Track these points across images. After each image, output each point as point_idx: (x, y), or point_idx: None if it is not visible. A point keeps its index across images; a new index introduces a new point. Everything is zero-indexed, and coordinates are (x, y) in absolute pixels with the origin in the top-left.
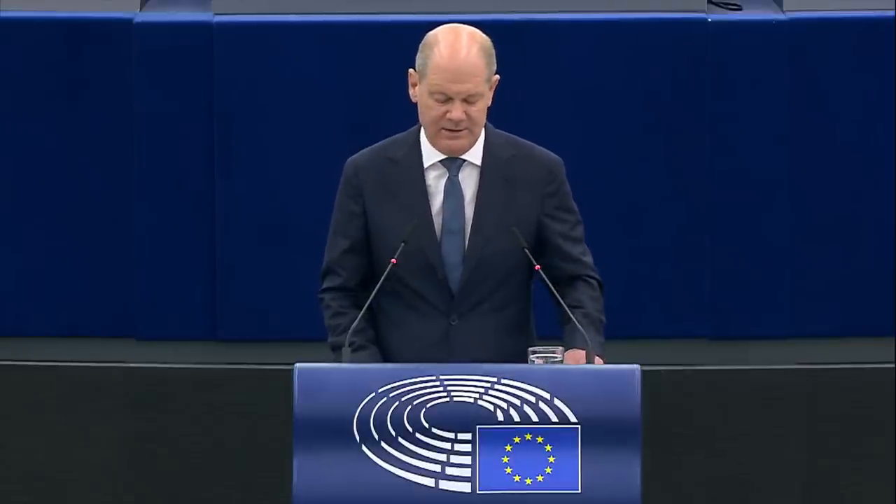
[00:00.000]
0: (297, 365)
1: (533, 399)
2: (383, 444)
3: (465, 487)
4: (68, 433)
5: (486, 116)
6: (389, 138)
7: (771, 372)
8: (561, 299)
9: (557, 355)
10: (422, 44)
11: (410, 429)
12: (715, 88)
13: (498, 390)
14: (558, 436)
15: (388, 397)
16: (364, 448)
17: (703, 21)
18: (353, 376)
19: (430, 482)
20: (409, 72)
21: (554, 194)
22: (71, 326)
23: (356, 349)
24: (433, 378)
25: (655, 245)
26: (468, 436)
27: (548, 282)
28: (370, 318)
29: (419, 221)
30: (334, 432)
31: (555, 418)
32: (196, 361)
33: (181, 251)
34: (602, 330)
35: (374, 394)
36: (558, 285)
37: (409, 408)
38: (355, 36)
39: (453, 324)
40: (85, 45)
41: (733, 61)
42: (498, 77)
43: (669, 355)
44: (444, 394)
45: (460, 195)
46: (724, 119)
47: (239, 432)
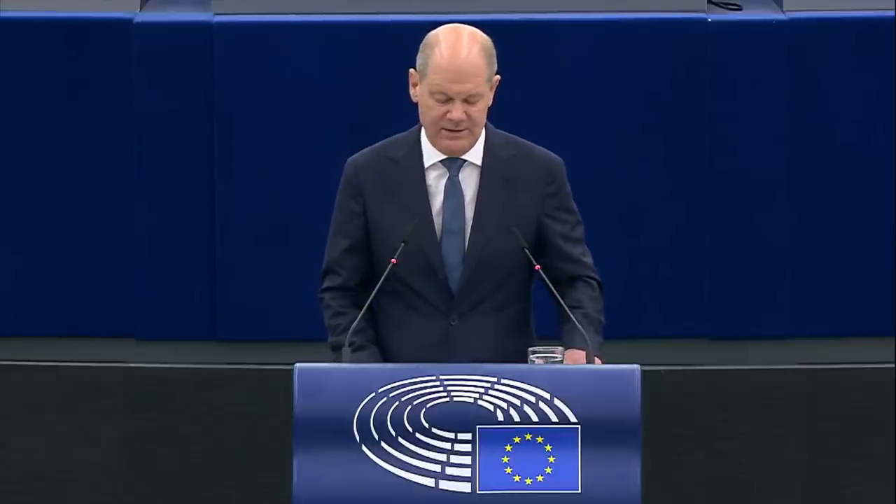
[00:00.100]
0: (297, 365)
1: (533, 399)
2: (383, 444)
3: (465, 487)
4: (68, 433)
5: (487, 116)
6: (390, 138)
7: (771, 372)
8: (561, 299)
9: (557, 355)
10: (423, 44)
11: (410, 429)
12: (715, 88)
13: (498, 390)
14: (558, 436)
15: (388, 397)
16: (364, 448)
17: (703, 21)
18: (353, 376)
19: (430, 482)
20: (409, 72)
21: (555, 195)
22: (71, 326)
23: (356, 349)
24: (433, 378)
25: (655, 245)
26: (468, 436)
27: (548, 282)
28: (370, 318)
29: (419, 221)
30: (334, 432)
31: (555, 418)
32: (196, 361)
33: (181, 251)
34: (601, 330)
35: (374, 394)
36: (558, 286)
37: (409, 408)
38: (355, 36)
39: (453, 324)
40: (85, 45)
41: (733, 61)
42: (499, 77)
43: (669, 355)
44: (444, 394)
45: (460, 195)
46: (724, 119)
47: (239, 432)
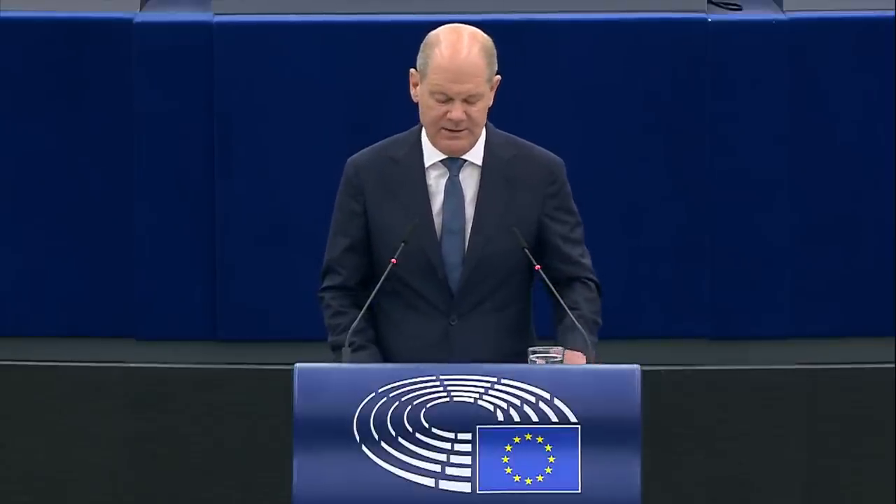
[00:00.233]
0: (297, 365)
1: (533, 399)
2: (383, 444)
3: (465, 487)
4: (68, 433)
5: (487, 116)
6: (390, 138)
7: (771, 372)
8: (560, 299)
9: (557, 355)
10: (423, 44)
11: (410, 429)
12: (715, 88)
13: (498, 390)
14: (558, 436)
15: (388, 397)
16: (364, 448)
17: (703, 21)
18: (353, 376)
19: (430, 482)
20: (410, 72)
21: (555, 195)
22: (71, 326)
23: (356, 349)
24: (433, 378)
25: (655, 245)
26: (468, 436)
27: (548, 282)
28: (370, 317)
29: (419, 221)
30: (334, 432)
31: (555, 418)
32: (196, 361)
33: (181, 251)
34: (595, 331)
35: (374, 394)
36: (556, 286)
37: (409, 408)
38: (355, 36)
39: (453, 324)
40: (85, 45)
41: (733, 61)
42: (499, 77)
43: (669, 355)
44: (444, 394)
45: (461, 195)
46: (724, 119)
47: (239, 432)
